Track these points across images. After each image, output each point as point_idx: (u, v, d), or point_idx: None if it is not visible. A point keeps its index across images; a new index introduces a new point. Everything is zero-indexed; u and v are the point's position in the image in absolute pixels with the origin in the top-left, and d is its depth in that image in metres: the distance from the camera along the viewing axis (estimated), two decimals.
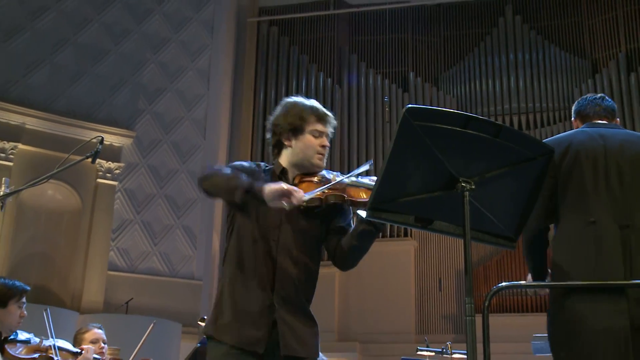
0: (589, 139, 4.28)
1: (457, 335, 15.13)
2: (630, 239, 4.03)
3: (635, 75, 16.69)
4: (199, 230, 16.28)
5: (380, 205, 3.10)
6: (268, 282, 3.62)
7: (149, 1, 16.92)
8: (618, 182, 4.14)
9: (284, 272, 3.64)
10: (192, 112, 16.91)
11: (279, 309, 3.60)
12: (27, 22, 15.49)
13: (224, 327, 3.62)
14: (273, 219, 3.68)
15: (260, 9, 19.18)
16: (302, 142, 3.78)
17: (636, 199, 4.14)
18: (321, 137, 3.80)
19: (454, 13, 18.48)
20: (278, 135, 3.86)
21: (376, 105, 17.75)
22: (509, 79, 17.46)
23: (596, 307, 3.95)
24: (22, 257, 14.60)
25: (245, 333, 3.56)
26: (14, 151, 14.73)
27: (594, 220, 4.07)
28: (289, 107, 3.86)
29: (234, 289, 3.68)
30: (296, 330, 3.63)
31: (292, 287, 3.66)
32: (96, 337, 6.38)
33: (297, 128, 3.78)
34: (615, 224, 4.06)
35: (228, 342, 3.57)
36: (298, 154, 3.79)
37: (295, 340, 3.61)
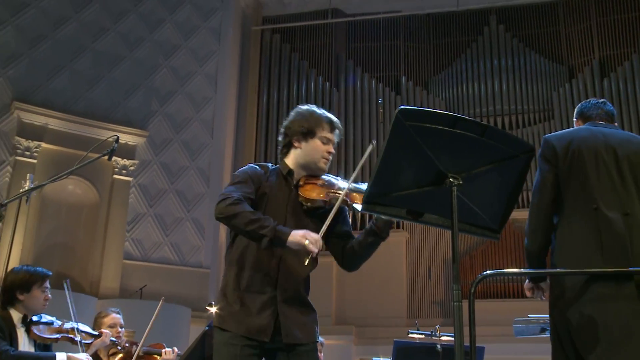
0: (591, 135, 4.33)
1: (445, 319, 15.11)
2: (631, 226, 4.05)
3: (607, 80, 16.74)
4: (207, 223, 16.25)
5: (374, 199, 3.09)
6: (272, 276, 3.65)
7: (160, 11, 16.90)
8: (617, 174, 4.17)
9: (287, 268, 3.67)
10: (201, 113, 16.87)
11: (281, 301, 3.64)
12: (50, 31, 15.48)
13: (230, 316, 3.63)
14: (278, 216, 3.69)
15: (264, 18, 19.16)
16: (310, 146, 3.82)
17: (633, 191, 4.17)
18: (328, 144, 3.85)
19: (443, 22, 18.47)
20: (290, 137, 3.89)
21: (371, 107, 17.75)
22: (493, 83, 17.45)
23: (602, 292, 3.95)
24: (45, 247, 14.59)
25: (251, 323, 3.58)
26: (37, 150, 14.75)
27: (596, 207, 4.09)
28: (306, 113, 3.90)
29: (239, 280, 3.68)
30: (297, 319, 3.67)
31: (293, 281, 3.70)
32: (114, 321, 6.39)
33: (309, 132, 3.82)
34: (617, 211, 4.09)
35: (233, 331, 3.59)
36: (305, 156, 3.83)
37: (297, 329, 3.64)
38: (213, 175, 16.60)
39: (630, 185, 4.19)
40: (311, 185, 3.76)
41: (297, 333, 3.65)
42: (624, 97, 16.46)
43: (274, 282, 3.64)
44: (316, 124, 3.84)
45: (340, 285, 15.96)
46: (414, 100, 17.33)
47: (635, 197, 4.18)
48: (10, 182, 14.24)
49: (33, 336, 5.49)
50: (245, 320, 3.59)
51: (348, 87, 18.04)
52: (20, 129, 14.75)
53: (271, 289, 3.63)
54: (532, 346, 9.81)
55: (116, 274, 15.05)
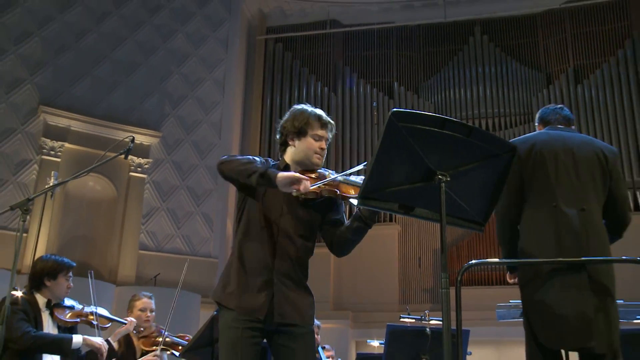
0: (551, 139, 4.38)
1: (434, 304, 15.13)
2: (586, 220, 4.14)
3: (581, 87, 16.76)
4: (215, 216, 16.27)
5: (369, 194, 3.09)
6: (270, 260, 3.65)
7: (173, 23, 16.91)
8: (575, 174, 4.24)
9: (283, 253, 3.67)
10: (210, 115, 16.86)
11: (277, 283, 3.63)
12: (72, 42, 15.52)
13: (230, 295, 3.65)
14: (276, 207, 3.73)
15: (268, 29, 19.15)
16: (304, 144, 3.81)
17: (589, 189, 4.23)
18: (320, 140, 3.83)
19: (432, 32, 18.45)
20: (284, 136, 3.89)
21: (366, 110, 17.75)
22: (478, 89, 17.43)
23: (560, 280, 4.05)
24: (68, 238, 14.60)
25: (248, 302, 3.60)
26: (61, 149, 14.78)
27: (555, 204, 4.18)
28: (297, 113, 3.88)
29: (240, 263, 3.70)
30: (292, 300, 3.66)
31: (289, 265, 3.69)
32: (145, 305, 6.42)
33: (301, 131, 3.81)
34: (574, 207, 4.16)
35: (233, 308, 3.61)
36: (300, 153, 3.82)
37: (290, 309, 3.64)
38: None
39: (587, 184, 4.27)
40: None
41: (290, 313, 3.64)
42: (596, 102, 16.48)
43: (271, 265, 3.64)
44: (307, 123, 3.82)
45: (337, 273, 15.97)
46: (406, 104, 17.31)
47: (591, 195, 4.26)
48: (37, 179, 14.25)
49: (56, 319, 5.54)
50: (243, 298, 3.61)
51: (345, 92, 18.02)
52: (46, 131, 14.78)
53: (268, 272, 3.63)
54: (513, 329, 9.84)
55: (132, 263, 15.06)
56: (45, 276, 5.53)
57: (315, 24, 18.67)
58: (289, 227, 3.71)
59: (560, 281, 4.07)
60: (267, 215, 3.73)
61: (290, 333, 3.66)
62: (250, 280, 3.64)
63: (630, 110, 16.22)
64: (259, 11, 18.88)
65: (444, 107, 17.38)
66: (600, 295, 4.05)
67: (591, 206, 4.22)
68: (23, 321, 5.20)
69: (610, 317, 4.06)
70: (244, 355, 3.53)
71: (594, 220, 4.20)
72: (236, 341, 3.56)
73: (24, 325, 5.17)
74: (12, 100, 14.58)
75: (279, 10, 18.86)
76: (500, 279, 15.20)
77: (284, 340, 3.67)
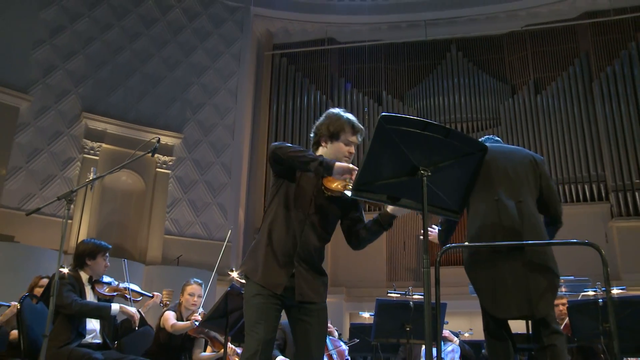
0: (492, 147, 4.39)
1: (416, 282, 15.18)
2: (522, 210, 4.26)
3: (540, 96, 16.79)
4: (229, 206, 16.26)
5: (361, 187, 3.09)
6: (293, 245, 3.57)
7: (194, 40, 16.92)
8: (513, 174, 4.39)
9: (306, 239, 3.60)
10: (224, 120, 16.84)
11: (298, 265, 3.56)
12: (110, 58, 15.60)
13: (256, 271, 3.56)
14: (306, 198, 3.65)
15: (274, 45, 19.11)
16: (335, 147, 3.70)
17: (524, 186, 4.37)
18: (350, 145, 3.73)
19: (415, 49, 18.41)
20: (318, 137, 3.78)
21: (358, 115, 17.65)
22: (454, 97, 17.37)
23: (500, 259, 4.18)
24: (105, 224, 14.63)
25: (271, 278, 3.51)
26: (99, 149, 14.86)
27: (497, 198, 4.30)
28: (333, 118, 3.75)
29: (268, 244, 3.60)
30: (309, 281, 3.59)
31: (310, 250, 3.62)
32: (193, 290, 6.45)
33: (334, 135, 3.70)
34: (512, 200, 4.29)
35: (258, 281, 3.53)
36: (330, 154, 3.67)
37: (308, 289, 3.57)
38: (234, 168, 16.63)
39: (522, 182, 4.42)
40: (333, 178, 3.55)
41: (309, 293, 3.57)
42: (553, 109, 16.50)
43: (294, 250, 3.56)
44: (341, 129, 3.70)
45: (334, 256, 15.95)
46: (393, 110, 17.21)
47: (526, 190, 4.39)
48: (79, 174, 14.39)
49: (96, 293, 5.58)
50: (267, 275, 3.53)
51: (340, 99, 17.95)
52: (87, 133, 14.88)
53: (291, 255, 3.56)
54: None
55: (159, 245, 15.09)
56: (86, 256, 5.60)
57: (315, 41, 18.63)
58: (314, 217, 3.64)
59: (500, 261, 4.18)
60: (297, 204, 3.65)
61: (307, 309, 3.61)
62: (275, 261, 3.56)
63: (579, 115, 16.29)
64: (267, 31, 18.86)
65: (425, 113, 17.31)
66: (535, 270, 4.16)
67: (527, 199, 4.34)
68: (71, 292, 5.28)
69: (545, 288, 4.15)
70: (269, 317, 3.47)
71: (529, 209, 4.31)
72: (261, 306, 3.49)
73: (72, 295, 5.25)
74: (60, 108, 14.69)
75: (283, 29, 18.85)
76: None
77: (302, 315, 3.62)
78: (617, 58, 16.43)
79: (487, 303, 4.19)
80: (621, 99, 15.95)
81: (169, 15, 16.88)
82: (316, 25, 18.44)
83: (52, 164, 14.31)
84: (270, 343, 3.47)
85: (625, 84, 16.06)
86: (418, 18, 17.92)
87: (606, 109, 16.07)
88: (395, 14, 18.09)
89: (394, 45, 18.44)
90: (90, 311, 5.32)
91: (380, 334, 6.46)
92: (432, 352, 3.29)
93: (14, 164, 13.72)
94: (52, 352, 4.96)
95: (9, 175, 13.62)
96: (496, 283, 4.15)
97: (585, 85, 16.57)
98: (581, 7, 17.19)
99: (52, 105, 14.59)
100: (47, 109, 14.51)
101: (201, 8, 17.35)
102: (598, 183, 15.63)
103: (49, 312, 4.66)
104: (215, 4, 17.55)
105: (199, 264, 13.96)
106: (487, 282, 4.21)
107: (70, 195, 4.85)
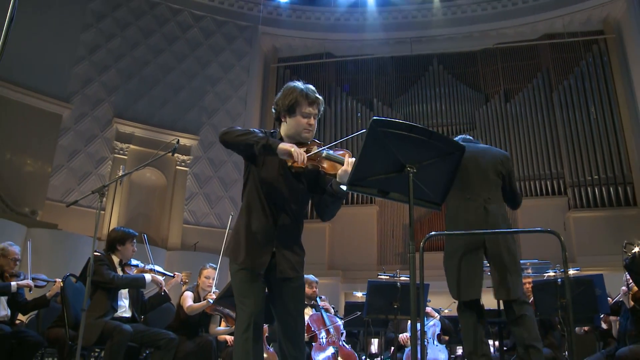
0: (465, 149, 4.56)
1: (403, 265, 15.14)
2: (488, 208, 4.41)
3: (509, 104, 16.85)
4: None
5: (355, 182, 3.02)
6: (270, 224, 3.37)
7: (209, 55, 16.92)
8: (482, 174, 4.49)
9: (281, 217, 3.40)
10: (235, 123, 16.73)
11: (278, 243, 3.37)
12: (137, 71, 15.70)
13: (239, 252, 3.34)
14: (273, 177, 3.41)
15: (279, 59, 19.05)
16: (294, 120, 3.37)
17: (491, 184, 4.50)
18: (309, 117, 3.39)
19: (402, 62, 18.36)
20: (278, 113, 3.46)
21: (352, 119, 17.73)
22: (435, 104, 17.35)
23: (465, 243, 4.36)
24: (132, 215, 14.69)
25: (253, 258, 3.32)
26: (127, 149, 14.97)
27: (469, 197, 4.43)
28: (287, 91, 3.43)
29: (247, 226, 3.38)
30: (288, 259, 3.39)
31: (286, 227, 3.41)
32: (209, 273, 6.52)
33: (291, 109, 3.37)
34: (481, 198, 4.42)
35: (241, 262, 3.32)
36: (291, 129, 3.39)
37: (288, 267, 3.38)
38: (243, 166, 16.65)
39: (489, 181, 4.53)
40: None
41: (288, 270, 3.38)
42: (521, 115, 16.56)
43: (272, 228, 3.36)
44: (295, 101, 3.36)
45: (331, 243, 15.97)
46: (382, 115, 17.17)
47: (492, 188, 4.53)
48: (111, 171, 14.51)
49: (125, 274, 5.66)
50: (249, 256, 3.32)
51: (337, 106, 17.96)
52: (117, 136, 15.02)
53: (270, 234, 3.36)
54: None
55: (178, 233, 15.13)
56: (117, 242, 5.69)
57: (314, 55, 18.59)
58: (285, 195, 3.40)
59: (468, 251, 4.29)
60: (265, 184, 3.41)
61: (286, 286, 3.41)
62: (255, 241, 3.35)
63: (542, 121, 16.44)
64: (273, 46, 18.84)
65: (411, 118, 17.29)
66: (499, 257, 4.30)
67: (493, 196, 4.47)
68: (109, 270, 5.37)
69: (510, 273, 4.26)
70: (255, 289, 3.31)
71: (495, 207, 4.44)
72: (246, 279, 3.31)
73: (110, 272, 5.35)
74: (95, 114, 14.87)
75: (287, 45, 18.83)
76: None
77: (280, 289, 3.42)
78: (572, 73, 16.67)
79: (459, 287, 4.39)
80: (576, 108, 16.22)
81: (188, 33, 16.90)
82: (316, 41, 18.43)
83: (88, 163, 14.46)
84: (260, 314, 3.31)
85: (579, 95, 16.34)
86: (404, 36, 17.92)
87: (564, 116, 16.30)
88: (384, 32, 18.08)
89: (383, 59, 18.43)
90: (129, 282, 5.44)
91: (371, 311, 6.49)
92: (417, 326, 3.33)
93: (57, 162, 13.99)
94: (90, 323, 5.04)
95: (54, 173, 13.87)
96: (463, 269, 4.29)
97: (546, 96, 16.77)
98: (541, 29, 17.39)
99: (88, 112, 14.76)
100: (85, 116, 14.69)
101: (216, 27, 17.36)
102: (557, 179, 15.85)
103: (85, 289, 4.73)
104: (228, 23, 17.54)
105: (214, 250, 13.98)
106: (456, 268, 4.40)
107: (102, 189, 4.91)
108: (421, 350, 3.18)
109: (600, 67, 16.42)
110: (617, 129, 15.68)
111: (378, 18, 18.13)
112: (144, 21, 16.29)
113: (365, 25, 18.16)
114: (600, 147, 15.65)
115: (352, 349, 7.44)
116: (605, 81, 16.23)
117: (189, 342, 5.98)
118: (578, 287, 5.67)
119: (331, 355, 6.84)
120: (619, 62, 16.21)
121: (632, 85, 15.55)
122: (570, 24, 17.01)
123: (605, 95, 16.06)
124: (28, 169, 13.33)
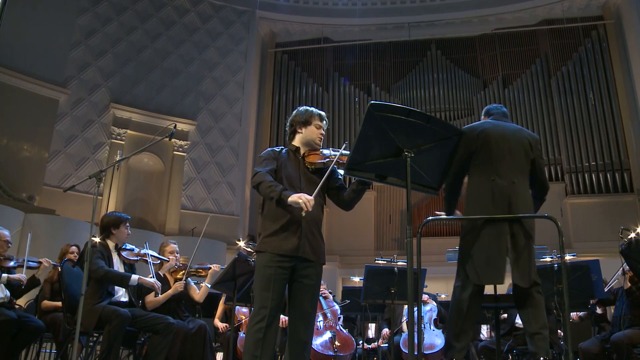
0: (494, 127, 4.45)
1: (400, 251, 15.22)
2: (514, 190, 4.23)
3: (507, 90, 16.85)
4: (237, 184, 16.25)
5: (353, 167, 3.18)
6: (297, 215, 3.63)
7: (207, 40, 16.87)
8: (509, 155, 4.32)
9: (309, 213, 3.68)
10: (233, 109, 16.79)
11: (305, 228, 3.71)
12: (134, 56, 15.67)
13: (266, 242, 3.69)
14: (295, 177, 3.85)
15: (277, 44, 18.99)
16: (309, 130, 3.97)
17: (518, 166, 4.33)
18: (320, 129, 4.00)
19: (400, 47, 18.34)
20: (294, 126, 4.04)
21: (350, 105, 17.70)
22: (433, 89, 17.36)
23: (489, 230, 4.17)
24: (129, 200, 14.67)
25: (283, 245, 3.64)
26: (125, 135, 14.92)
27: (493, 178, 4.27)
28: (303, 111, 4.04)
29: (274, 216, 3.72)
30: (312, 244, 3.73)
31: (312, 220, 3.75)
32: (172, 249, 6.50)
33: (306, 122, 3.98)
34: (505, 181, 4.26)
35: (270, 251, 3.65)
36: (306, 137, 3.97)
37: (312, 251, 3.72)
38: (241, 151, 16.60)
39: (518, 162, 4.35)
40: (313, 155, 3.88)
41: (310, 253, 3.72)
42: (519, 101, 16.59)
43: (298, 219, 3.65)
44: (311, 117, 3.99)
45: (329, 227, 15.94)
46: (380, 100, 17.27)
47: (520, 171, 4.34)
48: (108, 156, 14.50)
49: (122, 258, 5.69)
50: (278, 243, 3.66)
51: (335, 91, 17.94)
52: (115, 121, 14.98)
53: (297, 223, 3.68)
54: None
55: (176, 218, 15.12)
56: (111, 227, 5.70)
57: (312, 40, 18.55)
58: (307, 190, 3.68)
59: (490, 232, 4.20)
60: (289, 181, 3.80)
61: (307, 269, 3.75)
62: (283, 230, 3.68)
63: (540, 107, 16.47)
64: (270, 31, 18.77)
65: (409, 103, 17.26)
66: (521, 242, 4.17)
67: (519, 180, 4.29)
68: (99, 259, 5.36)
69: (529, 258, 4.18)
70: (276, 287, 3.60)
71: (520, 190, 4.27)
72: (270, 277, 3.60)
73: (100, 262, 5.34)
74: (92, 99, 14.84)
75: (285, 30, 18.76)
76: (449, 231, 15.39)
77: (299, 277, 3.74)
78: (570, 59, 16.69)
79: (475, 267, 4.16)
80: (574, 94, 16.24)
81: (185, 18, 16.83)
82: (313, 26, 18.37)
83: (85, 148, 14.44)
84: (276, 309, 3.60)
85: (577, 81, 16.35)
86: (402, 21, 17.88)
87: (562, 102, 16.32)
88: (382, 17, 18.04)
89: (381, 44, 18.38)
90: (112, 279, 5.39)
91: (368, 296, 6.51)
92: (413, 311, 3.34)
93: (54, 148, 13.98)
94: (88, 309, 5.05)
95: (51, 158, 13.87)
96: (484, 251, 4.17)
97: (545, 82, 16.80)
98: (540, 15, 17.38)
99: (85, 97, 14.73)
100: (81, 101, 14.66)
101: (213, 12, 17.28)
102: (555, 165, 15.87)
103: (83, 274, 4.75)
104: (225, 8, 17.46)
105: (211, 235, 13.99)
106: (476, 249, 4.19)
107: (99, 174, 4.91)
108: (418, 334, 3.19)
109: (599, 53, 16.41)
110: (615, 115, 15.70)
111: (376, 3, 18.08)
112: (141, 5, 16.21)
113: (364, 10, 18.10)
114: (598, 133, 15.68)
115: (349, 333, 7.48)
116: (604, 67, 16.22)
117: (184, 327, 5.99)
118: (574, 273, 5.70)
119: (328, 340, 6.89)
120: (618, 48, 16.20)
121: (630, 72, 15.55)
122: (569, 10, 17.00)
123: (603, 82, 16.07)
124: (25, 154, 13.31)
